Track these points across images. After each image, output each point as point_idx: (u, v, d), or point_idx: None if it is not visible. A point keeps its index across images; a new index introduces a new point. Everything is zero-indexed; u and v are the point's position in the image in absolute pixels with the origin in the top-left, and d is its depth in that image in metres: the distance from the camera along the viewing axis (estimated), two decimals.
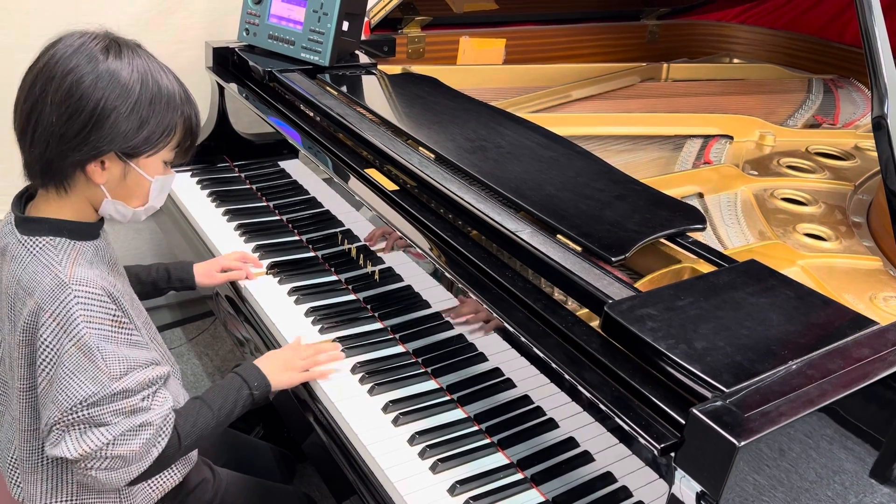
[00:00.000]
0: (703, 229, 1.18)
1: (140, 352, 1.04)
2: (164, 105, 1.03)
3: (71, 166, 1.01)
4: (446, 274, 1.18)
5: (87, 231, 1.07)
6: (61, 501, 1.10)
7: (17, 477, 1.14)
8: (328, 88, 1.69)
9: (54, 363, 0.98)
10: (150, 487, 1.17)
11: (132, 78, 0.99)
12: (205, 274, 1.50)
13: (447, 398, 1.22)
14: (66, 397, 0.97)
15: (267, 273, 1.53)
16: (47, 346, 0.98)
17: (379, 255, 1.40)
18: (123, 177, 1.04)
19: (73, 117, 0.97)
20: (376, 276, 1.42)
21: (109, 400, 0.99)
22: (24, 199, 1.10)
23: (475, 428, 1.17)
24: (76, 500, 1.11)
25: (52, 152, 0.99)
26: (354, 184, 1.41)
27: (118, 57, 1.00)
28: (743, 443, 0.74)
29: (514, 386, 1.12)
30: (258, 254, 1.59)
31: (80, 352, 0.98)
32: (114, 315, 1.02)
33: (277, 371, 1.22)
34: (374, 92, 1.72)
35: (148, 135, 1.02)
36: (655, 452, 0.84)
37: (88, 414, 0.98)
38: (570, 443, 1.03)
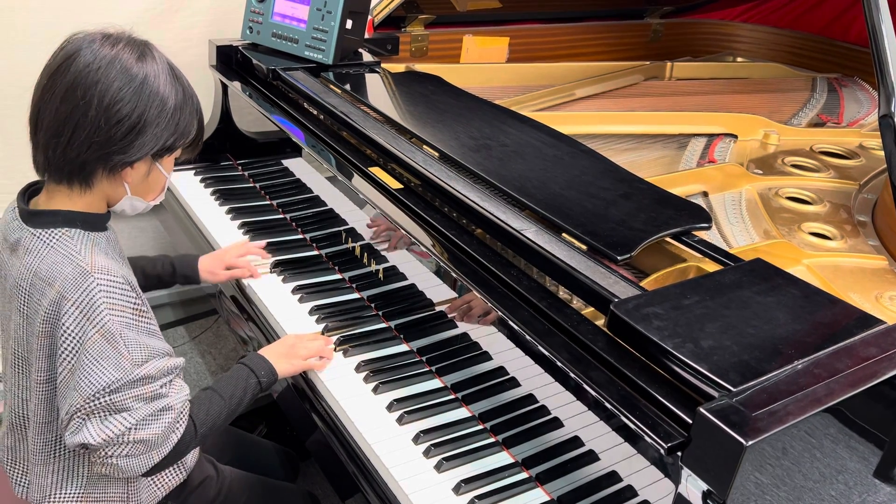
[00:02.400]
0: (708, 228, 1.18)
1: (158, 341, 1.06)
2: (189, 107, 1.08)
3: (106, 167, 1.03)
4: (451, 272, 1.18)
5: (98, 222, 1.09)
6: (69, 493, 1.11)
7: (17, 473, 1.15)
8: (332, 87, 1.69)
9: (77, 351, 0.99)
10: (156, 485, 1.17)
11: (167, 86, 1.04)
12: (209, 272, 1.50)
13: (452, 397, 1.22)
14: (88, 384, 0.98)
15: (271, 271, 1.53)
16: (70, 335, 0.99)
17: (383, 253, 1.40)
18: (147, 175, 1.09)
19: (121, 122, 1.01)
20: (380, 275, 1.42)
21: (130, 386, 1.00)
22: (27, 195, 1.11)
23: (480, 427, 1.17)
24: (84, 491, 1.11)
25: (92, 154, 1.01)
26: (358, 182, 1.41)
27: (153, 62, 1.04)
28: (751, 442, 0.74)
29: (518, 385, 1.12)
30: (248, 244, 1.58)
31: (104, 338, 0.99)
32: (134, 303, 1.03)
33: (281, 359, 1.24)
34: (377, 90, 1.72)
35: (179, 136, 1.07)
36: (662, 452, 0.83)
37: (110, 400, 0.99)
38: (576, 442, 1.03)
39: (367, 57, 1.89)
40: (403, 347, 1.33)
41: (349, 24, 1.77)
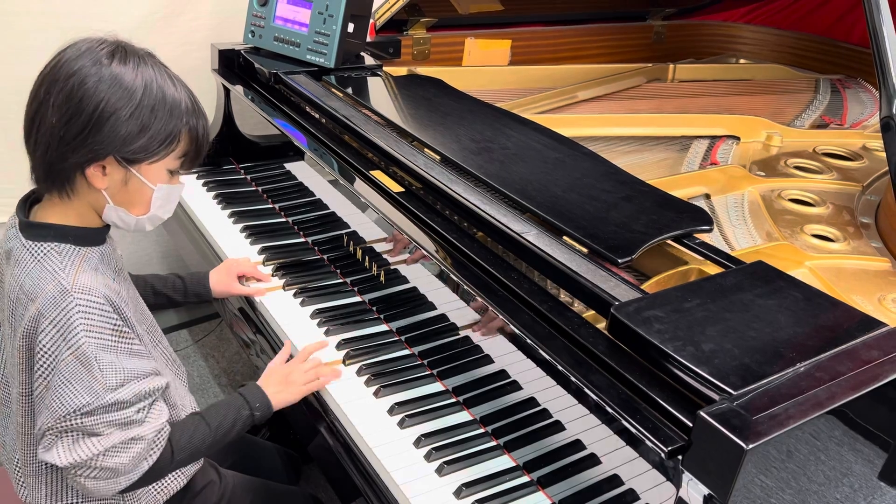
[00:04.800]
0: (709, 230, 1.18)
1: (140, 362, 1.04)
2: (167, 112, 1.01)
3: (71, 169, 1.00)
4: (452, 276, 1.18)
5: (92, 237, 1.06)
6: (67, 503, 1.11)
7: (22, 479, 1.15)
8: (333, 90, 1.70)
9: (51, 370, 0.98)
10: (155, 490, 1.17)
11: (136, 83, 0.99)
12: (222, 285, 1.48)
13: (453, 400, 1.22)
14: (59, 405, 0.97)
15: (273, 274, 1.53)
16: (45, 353, 0.98)
17: (385, 256, 1.40)
18: (125, 183, 1.03)
19: (73, 119, 0.96)
20: (382, 278, 1.42)
21: (103, 410, 0.99)
22: (28, 203, 1.09)
23: (481, 430, 1.16)
24: (81, 500, 1.11)
25: (52, 154, 0.98)
26: (360, 185, 1.41)
27: (123, 62, 0.99)
28: (751, 446, 0.74)
29: (520, 388, 1.11)
30: (264, 255, 1.59)
31: (77, 360, 0.98)
32: (114, 324, 1.01)
33: (279, 389, 1.22)
34: (379, 93, 1.72)
35: (148, 141, 1.00)
36: (662, 455, 0.83)
37: (81, 423, 0.98)
38: (577, 445, 1.02)
39: (368, 60, 1.90)
40: (405, 351, 1.33)
41: (351, 27, 1.78)
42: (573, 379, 0.95)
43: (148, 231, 1.12)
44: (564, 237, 1.13)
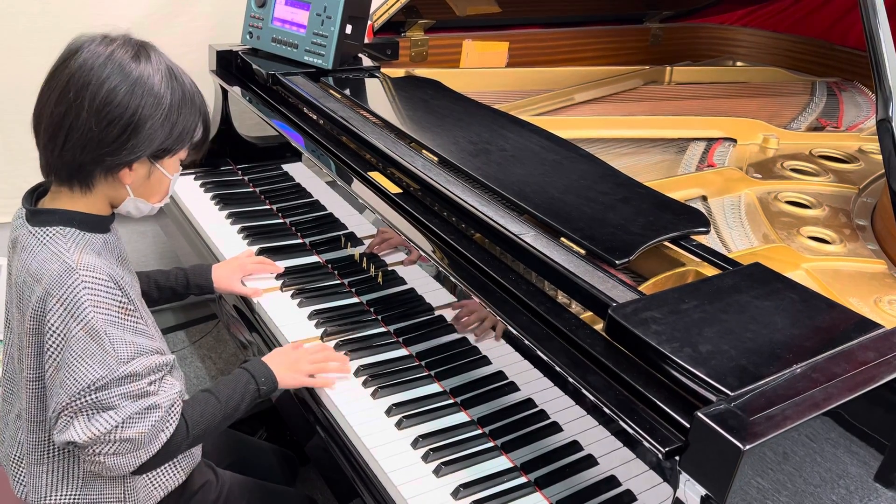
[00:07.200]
0: (706, 232, 1.18)
1: (146, 340, 1.06)
2: (188, 107, 1.07)
3: (102, 169, 1.04)
4: (450, 277, 1.18)
5: (97, 223, 1.09)
6: (65, 495, 1.11)
7: (22, 472, 1.15)
8: (331, 91, 1.70)
9: (62, 348, 1.00)
10: (153, 484, 1.17)
11: (162, 84, 1.04)
12: (225, 281, 1.49)
13: (451, 401, 1.22)
14: (73, 381, 0.98)
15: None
16: (55, 332, 1.00)
17: (382, 258, 1.40)
18: (148, 176, 1.09)
19: (112, 124, 1.01)
20: (379, 279, 1.42)
21: (117, 383, 1.00)
22: (35, 195, 1.12)
23: (479, 431, 1.17)
24: (80, 493, 1.11)
25: (87, 156, 1.02)
26: (357, 187, 1.41)
27: (147, 62, 1.04)
28: (748, 446, 0.74)
29: (517, 389, 1.12)
30: (261, 257, 1.58)
31: (88, 335, 0.99)
32: (120, 301, 1.03)
33: (284, 370, 1.22)
34: (377, 95, 1.72)
35: (176, 138, 1.06)
36: (660, 456, 0.83)
37: (96, 398, 0.99)
38: (575, 446, 1.02)
39: (366, 62, 1.90)
40: (402, 352, 1.33)
41: (349, 29, 1.78)
42: (571, 380, 0.96)
43: (148, 220, 1.16)
44: (562, 239, 1.13)
